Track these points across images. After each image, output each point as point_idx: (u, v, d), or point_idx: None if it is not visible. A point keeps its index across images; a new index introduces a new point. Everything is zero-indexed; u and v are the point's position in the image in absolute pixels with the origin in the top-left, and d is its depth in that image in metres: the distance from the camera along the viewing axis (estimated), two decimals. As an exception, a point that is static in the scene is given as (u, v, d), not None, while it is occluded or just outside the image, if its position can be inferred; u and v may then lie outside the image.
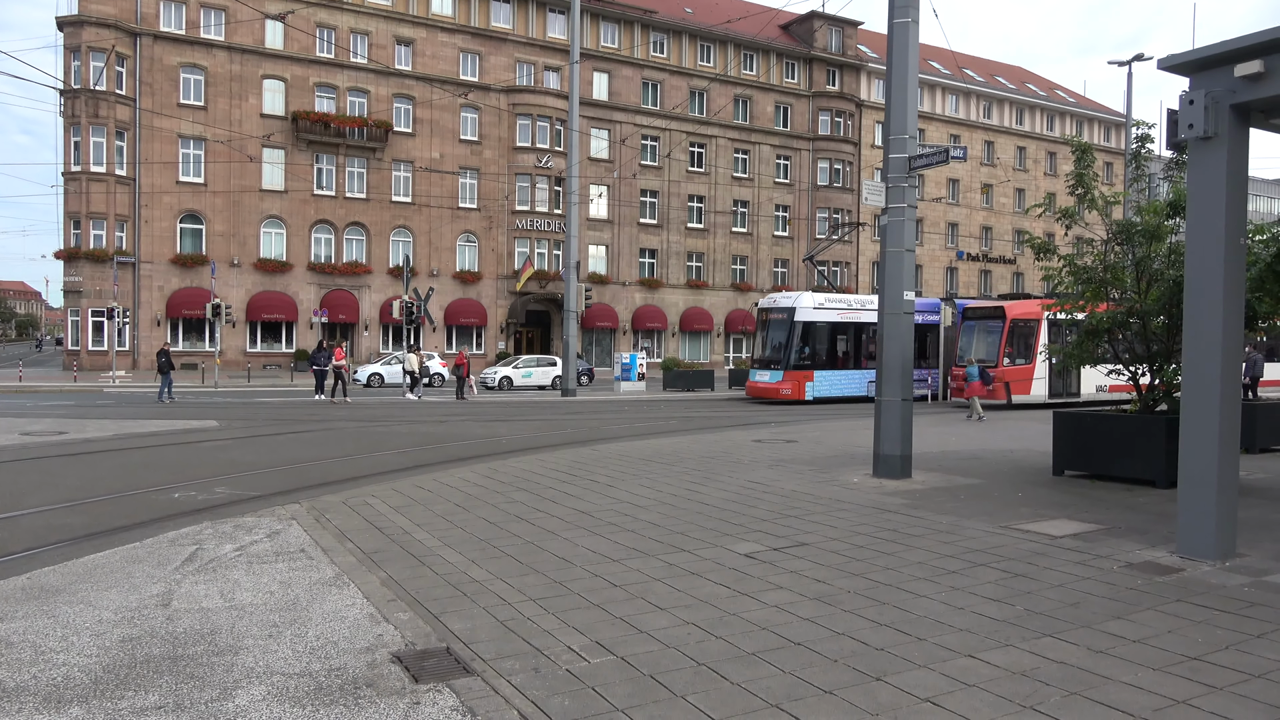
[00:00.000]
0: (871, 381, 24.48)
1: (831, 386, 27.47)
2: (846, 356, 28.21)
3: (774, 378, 27.14)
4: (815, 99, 53.19)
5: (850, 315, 27.86)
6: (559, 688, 4.17)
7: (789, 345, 26.86)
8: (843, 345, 28.21)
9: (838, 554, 6.82)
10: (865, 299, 28.32)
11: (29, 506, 9.23)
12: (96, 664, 4.46)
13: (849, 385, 27.81)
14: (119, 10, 37.11)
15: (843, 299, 28.23)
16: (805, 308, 27.00)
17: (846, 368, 27.97)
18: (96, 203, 36.90)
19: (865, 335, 28.08)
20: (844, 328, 28.07)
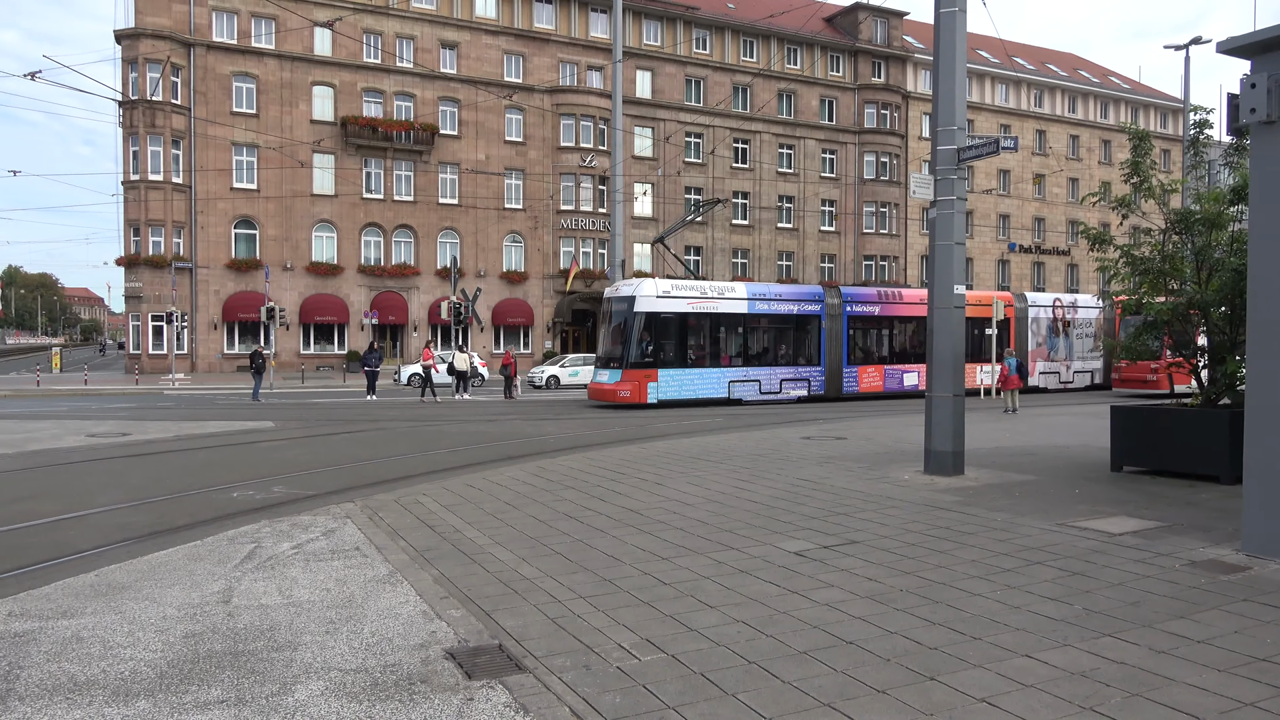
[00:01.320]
0: (733, 382, 24.40)
1: (680, 387, 23.75)
2: (700, 353, 24.52)
3: (612, 378, 23.49)
4: (861, 92, 52.62)
5: (705, 305, 24.24)
6: (610, 685, 4.19)
7: (628, 340, 23.25)
8: (695, 341, 24.47)
9: (889, 552, 6.74)
10: (724, 286, 25.32)
11: (96, 505, 9.54)
12: (161, 659, 4.59)
13: (702, 386, 24.18)
14: (173, 22, 38.08)
15: (695, 286, 24.50)
16: (647, 296, 23.33)
17: (700, 366, 24.28)
18: (155, 210, 37.93)
19: (724, 329, 24.93)
20: (697, 320, 24.31)
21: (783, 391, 25.16)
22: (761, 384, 24.99)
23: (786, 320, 25.69)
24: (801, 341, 26.01)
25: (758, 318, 25.23)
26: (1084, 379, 30.96)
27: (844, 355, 26.34)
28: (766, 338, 25.79)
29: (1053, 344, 30.34)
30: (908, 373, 27.47)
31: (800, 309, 25.82)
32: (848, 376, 26.45)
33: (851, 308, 26.72)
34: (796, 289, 26.81)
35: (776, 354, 25.64)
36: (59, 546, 7.61)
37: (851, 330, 26.82)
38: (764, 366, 25.24)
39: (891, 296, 27.78)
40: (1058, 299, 30.81)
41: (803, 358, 25.90)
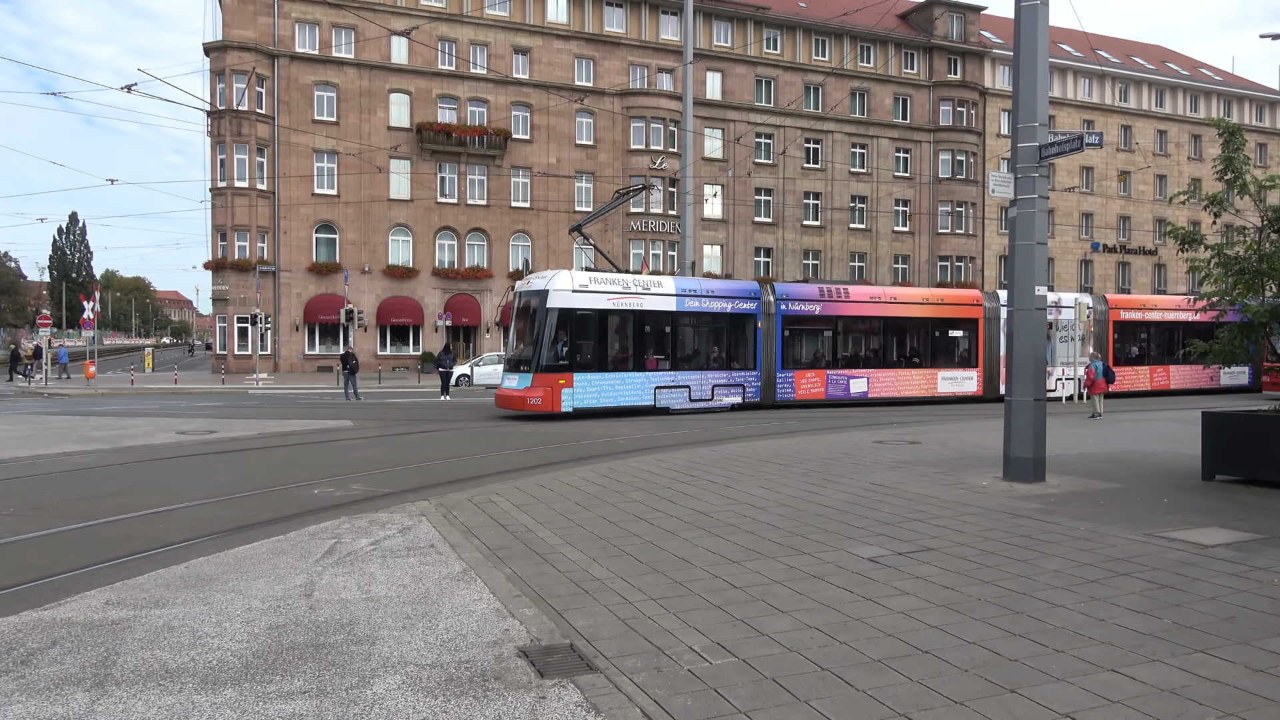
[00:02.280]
0: (660, 388, 21.65)
1: (600, 394, 20.86)
2: (623, 355, 21.68)
3: (521, 383, 20.44)
4: (936, 89, 51.57)
5: (628, 301, 21.32)
6: (681, 688, 4.18)
7: (540, 340, 20.35)
8: (618, 341, 21.70)
9: (966, 560, 6.58)
10: (650, 280, 22.44)
11: (186, 500, 9.93)
12: (247, 649, 4.75)
13: (625, 392, 21.21)
14: (258, 34, 39.43)
15: (618, 279, 21.51)
16: (561, 290, 20.45)
17: (623, 369, 21.36)
18: (240, 216, 39.32)
19: (650, 328, 22.08)
20: (619, 317, 21.48)
21: (715, 398, 22.50)
22: (692, 390, 22.16)
23: (719, 319, 22.98)
24: (736, 343, 23.33)
25: (688, 316, 22.45)
26: (1067, 387, 27.77)
27: (778, 359, 23.60)
28: (698, 338, 23.11)
29: None
30: (854, 379, 24.64)
31: (734, 307, 23.05)
32: (783, 382, 23.64)
33: (787, 306, 23.84)
34: (730, 284, 24.17)
35: (709, 357, 22.97)
36: (152, 538, 7.94)
37: (788, 331, 24.04)
38: (695, 370, 22.39)
39: (835, 294, 24.84)
40: None
41: (737, 361, 23.18)
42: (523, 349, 21.09)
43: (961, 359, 26.32)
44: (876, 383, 24.83)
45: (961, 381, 26.07)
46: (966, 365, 26.31)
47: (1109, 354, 27.65)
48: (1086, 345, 27.13)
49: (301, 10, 40.14)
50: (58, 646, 4.78)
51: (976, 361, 26.31)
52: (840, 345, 25.11)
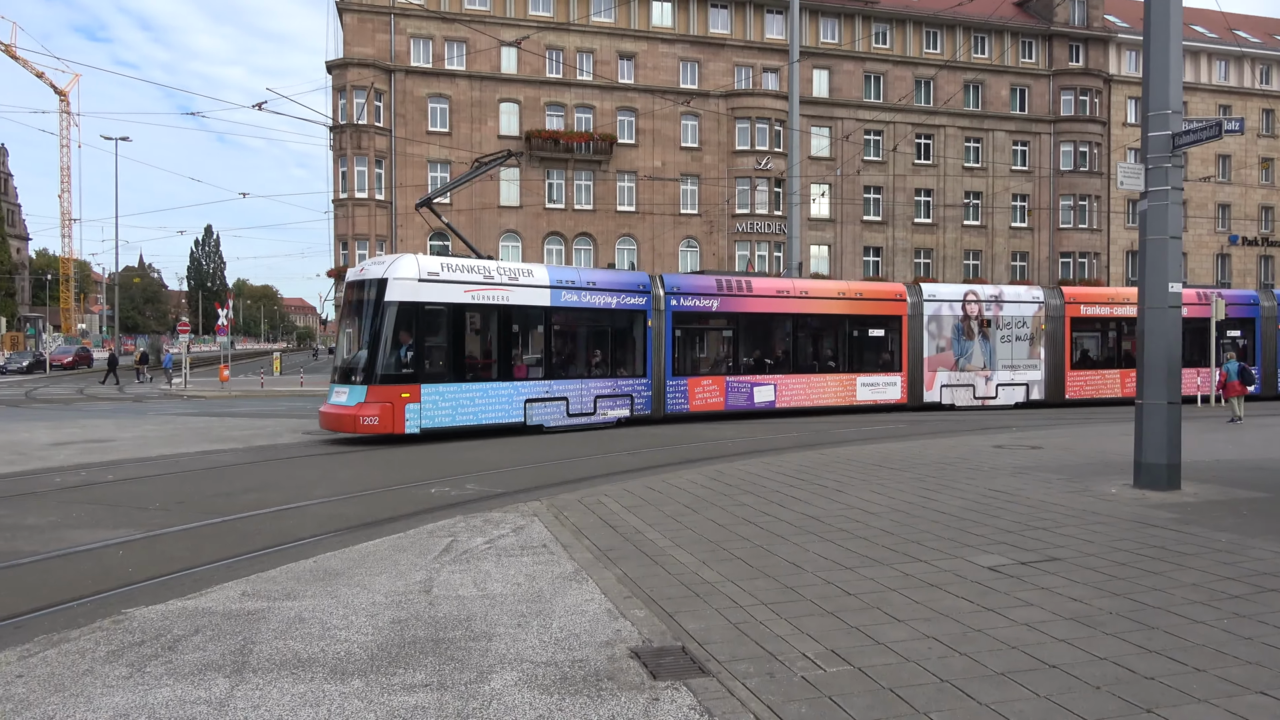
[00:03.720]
0: (532, 401, 17.94)
1: (455, 410, 16.84)
2: (485, 360, 17.80)
3: (352, 398, 16.27)
4: (1056, 78, 49.37)
5: (490, 293, 17.40)
6: (795, 694, 4.13)
7: (376, 342, 16.37)
8: (479, 343, 17.96)
9: (1095, 571, 6.27)
10: (518, 268, 18.23)
11: (312, 498, 10.42)
12: (371, 641, 4.95)
13: (489, 407, 17.32)
14: (377, 50, 41.07)
15: (478, 267, 17.45)
16: (404, 279, 16.44)
17: (485, 378, 17.45)
18: (360, 225, 41.02)
19: (520, 326, 18.36)
20: (481, 314, 17.58)
21: (598, 412, 19.05)
22: (570, 402, 18.58)
23: (603, 316, 19.48)
24: (623, 345, 19.92)
25: (566, 313, 18.90)
26: (1012, 394, 24.57)
27: (668, 363, 20.22)
28: (578, 340, 19.69)
29: (963, 349, 24.02)
30: (759, 386, 21.48)
31: (620, 302, 19.51)
32: (674, 391, 20.33)
33: (679, 301, 20.44)
34: (615, 276, 20.49)
35: (590, 362, 19.54)
36: (282, 534, 8.37)
37: (680, 331, 20.64)
38: (574, 379, 18.81)
39: (735, 287, 21.51)
40: (972, 291, 24.38)
41: (624, 367, 19.75)
42: (354, 354, 16.95)
43: (883, 362, 23.43)
44: (785, 390, 21.82)
45: (884, 388, 23.20)
46: (889, 369, 23.40)
47: (1066, 356, 24.94)
48: (1037, 345, 24.60)
49: (416, 25, 41.59)
50: (200, 634, 5.09)
51: (899, 365, 23.40)
52: (743, 347, 21.92)
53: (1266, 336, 27.18)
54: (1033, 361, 24.70)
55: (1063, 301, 25.20)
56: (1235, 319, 26.46)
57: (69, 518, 9.35)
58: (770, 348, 22.39)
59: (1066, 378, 24.91)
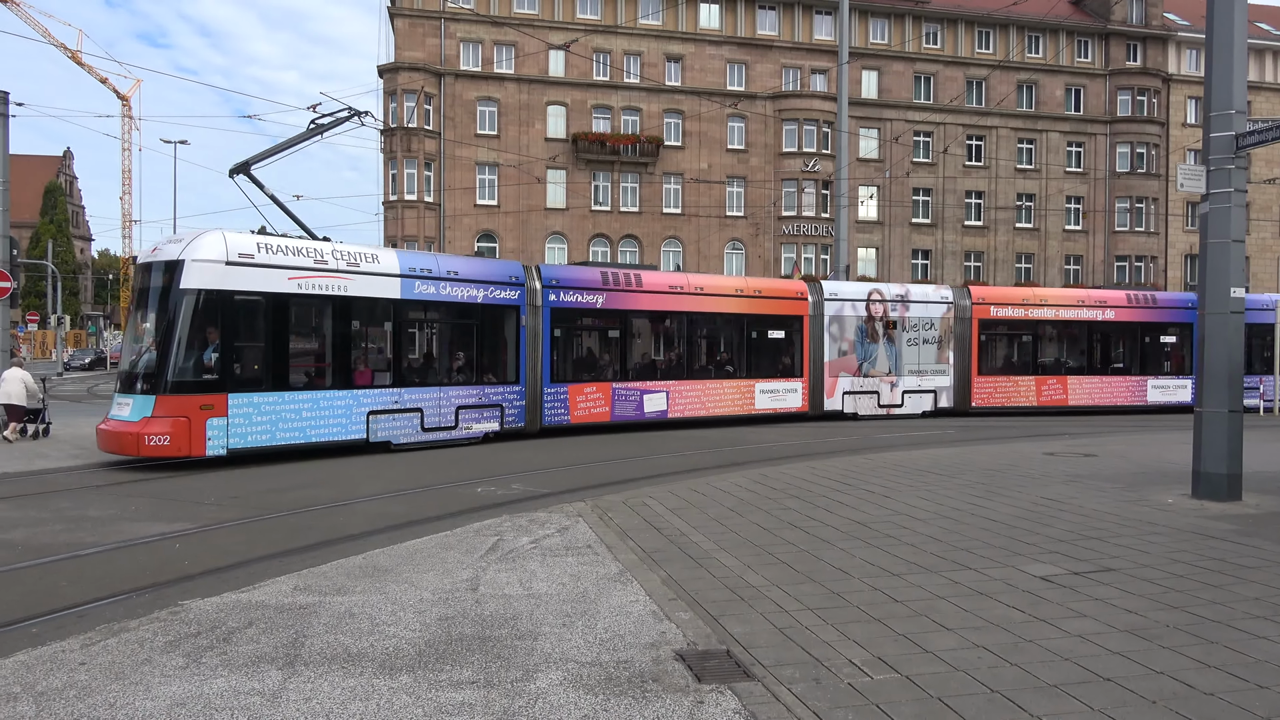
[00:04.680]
0: (377, 413, 14.88)
1: (275, 425, 13.63)
2: (317, 364, 14.76)
3: (136, 410, 13.05)
4: (1113, 77, 48.28)
5: (325, 282, 14.31)
6: (841, 701, 4.09)
7: (169, 342, 13.09)
8: (308, 342, 14.97)
9: (1151, 582, 6.12)
10: (359, 251, 15.07)
11: (361, 495, 10.60)
12: (419, 638, 5.01)
13: (320, 421, 14.20)
14: (427, 55, 41.62)
15: (308, 249, 14.23)
16: (207, 263, 13.22)
17: (317, 386, 14.42)
18: (409, 227, 41.57)
19: (361, 322, 15.31)
20: (311, 307, 14.50)
21: (460, 426, 16.15)
22: (425, 414, 15.57)
23: (468, 312, 16.55)
24: (492, 346, 17.13)
25: (420, 307, 15.87)
26: (919, 402, 22.67)
27: (545, 367, 17.66)
28: (435, 339, 16.81)
29: (867, 353, 22.11)
30: (649, 393, 19.04)
31: (488, 295, 16.66)
32: (552, 400, 17.69)
33: (558, 296, 17.84)
34: (483, 264, 17.67)
35: (451, 366, 16.54)
36: (332, 530, 8.52)
37: (559, 330, 18.07)
38: (430, 386, 15.81)
39: (623, 281, 18.90)
40: (876, 290, 22.61)
41: (493, 372, 16.90)
42: (139, 356, 13.68)
43: (783, 367, 21.41)
44: (679, 398, 19.48)
45: (784, 395, 21.10)
46: (789, 374, 21.36)
47: (973, 360, 23.07)
48: (945, 349, 22.94)
49: (466, 30, 42.06)
50: (253, 627, 5.20)
51: (800, 370, 21.45)
52: (632, 349, 19.43)
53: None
54: (941, 367, 22.96)
55: (970, 302, 23.38)
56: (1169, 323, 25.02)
57: (127, 511, 9.62)
58: (663, 350, 20.23)
59: (973, 384, 23.07)
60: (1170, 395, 24.83)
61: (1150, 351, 24.93)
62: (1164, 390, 24.83)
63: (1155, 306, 25.10)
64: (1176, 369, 24.94)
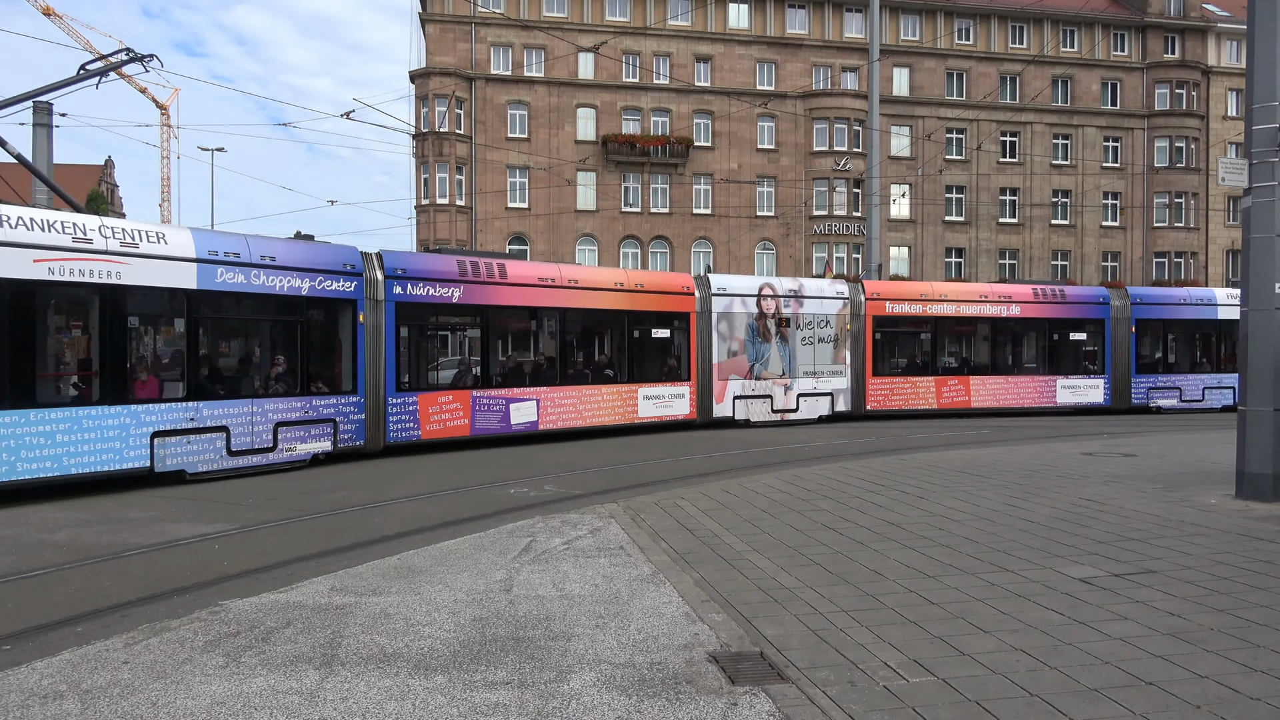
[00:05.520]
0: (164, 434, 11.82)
1: (14, 453, 10.52)
2: (81, 371, 11.89)
3: None
4: (1151, 70, 47.45)
5: (90, 266, 11.34)
6: (877, 704, 4.06)
7: None
8: (67, 344, 12.13)
9: (1194, 585, 6.00)
10: (139, 229, 12.02)
11: (394, 497, 10.70)
12: (454, 638, 5.04)
13: (84, 445, 11.18)
14: (458, 59, 41.95)
15: (63, 223, 11.21)
16: None
17: (80, 401, 11.45)
18: (441, 230, 41.90)
19: (146, 318, 12.73)
20: (69, 298, 11.74)
21: (280, 446, 13.23)
22: (233, 434, 12.60)
23: (287, 307, 13.61)
24: (322, 350, 14.39)
25: (225, 301, 12.92)
26: (815, 406, 20.91)
27: (389, 374, 14.89)
28: (244, 341, 14.16)
29: (758, 353, 20.27)
30: (517, 402, 16.58)
31: (316, 287, 13.77)
32: (399, 412, 14.96)
33: (406, 289, 15.11)
34: (309, 249, 14.14)
35: (269, 374, 13.76)
36: (367, 531, 8.61)
37: (407, 329, 15.49)
38: (239, 399, 12.85)
39: (484, 272, 16.27)
40: (768, 285, 20.72)
41: (324, 380, 14.13)
42: None
43: (669, 370, 19.31)
44: (551, 407, 17.06)
45: (670, 401, 18.99)
46: (676, 378, 19.25)
47: (867, 359, 21.57)
48: (842, 349, 21.21)
49: (496, 34, 42.33)
50: (291, 627, 5.27)
51: (688, 373, 19.38)
52: (495, 351, 17.11)
53: (1116, 341, 23.68)
54: (838, 368, 21.19)
55: (864, 298, 21.71)
56: (1080, 319, 23.69)
57: (168, 512, 9.80)
58: (531, 352, 18.11)
59: (867, 386, 21.52)
60: (1081, 396, 23.35)
61: (1059, 350, 23.58)
62: (1074, 391, 23.29)
63: (1064, 302, 23.66)
64: (1087, 367, 23.80)
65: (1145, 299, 24.18)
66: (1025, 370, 23.36)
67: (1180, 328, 24.49)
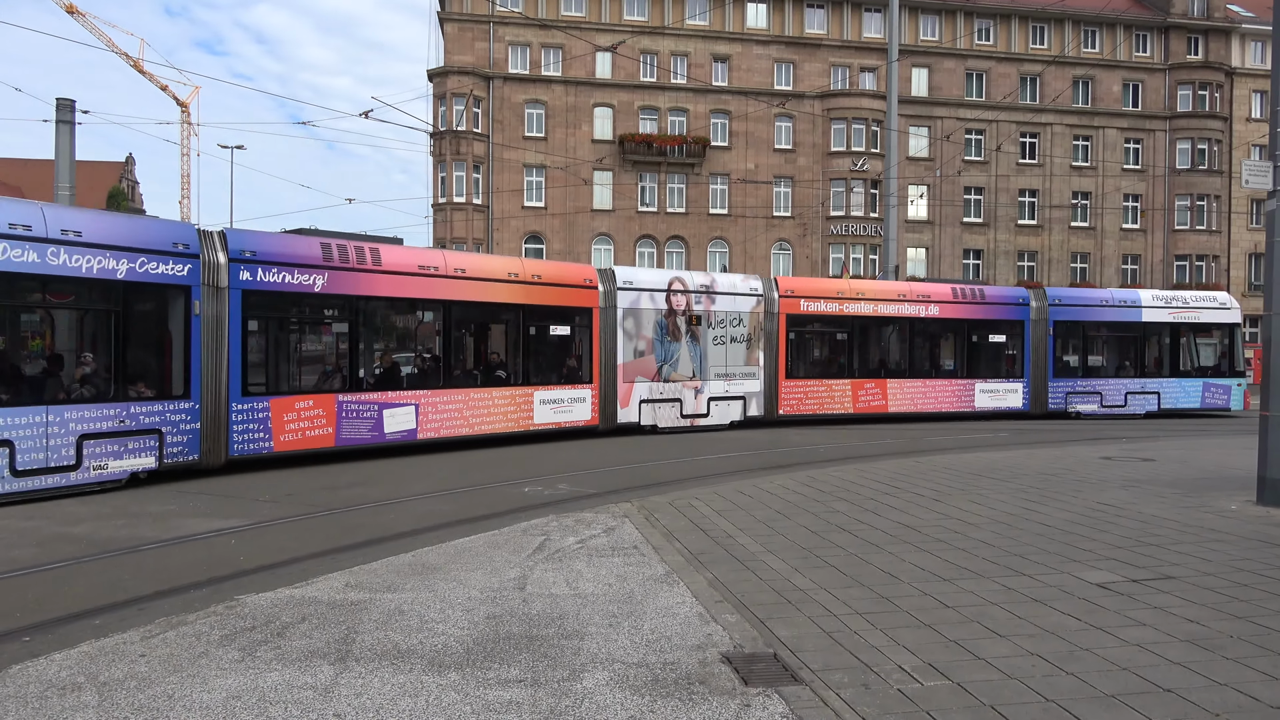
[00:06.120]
0: None
1: None
2: None
3: None
4: (1173, 71, 47.01)
5: None
6: (891, 707, 4.04)
7: None
8: None
9: (1214, 591, 5.94)
10: None
11: (410, 494, 10.74)
12: (468, 635, 5.06)
13: None
14: (476, 58, 42.08)
15: None
16: None
17: None
18: (458, 229, 42.05)
19: None
20: None
21: (85, 463, 10.78)
22: (18, 450, 10.18)
23: (103, 294, 11.25)
24: (146, 345, 12.05)
25: (12, 285, 10.47)
26: (727, 410, 19.34)
27: (234, 375, 12.56)
28: (41, 336, 12.10)
29: (667, 353, 18.60)
30: (392, 407, 14.31)
31: (137, 270, 11.43)
32: (244, 420, 12.62)
33: (255, 275, 12.83)
34: (127, 223, 11.97)
35: (76, 374, 11.32)
36: (383, 528, 8.64)
37: (257, 322, 13.27)
38: (27, 406, 10.40)
39: (355, 258, 13.99)
40: (678, 279, 18.99)
41: (147, 382, 11.79)
42: None
43: (569, 371, 17.51)
44: (433, 413, 14.94)
45: (570, 405, 17.16)
46: (576, 380, 17.43)
47: (780, 361, 20.11)
48: (755, 349, 19.72)
49: (514, 33, 42.42)
50: (306, 622, 5.30)
51: (590, 375, 17.55)
52: (365, 349, 14.68)
53: (1035, 343, 22.77)
54: (751, 369, 19.73)
55: (777, 294, 20.23)
56: (999, 320, 22.66)
57: (185, 507, 9.87)
58: (411, 351, 16.25)
59: (780, 389, 20.10)
60: (1000, 400, 22.39)
61: (979, 352, 22.61)
62: (993, 395, 22.34)
63: (984, 302, 22.61)
64: (1007, 371, 22.80)
65: (1064, 300, 23.32)
66: (944, 373, 22.46)
67: (1101, 330, 23.69)
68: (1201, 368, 24.54)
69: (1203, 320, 24.23)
